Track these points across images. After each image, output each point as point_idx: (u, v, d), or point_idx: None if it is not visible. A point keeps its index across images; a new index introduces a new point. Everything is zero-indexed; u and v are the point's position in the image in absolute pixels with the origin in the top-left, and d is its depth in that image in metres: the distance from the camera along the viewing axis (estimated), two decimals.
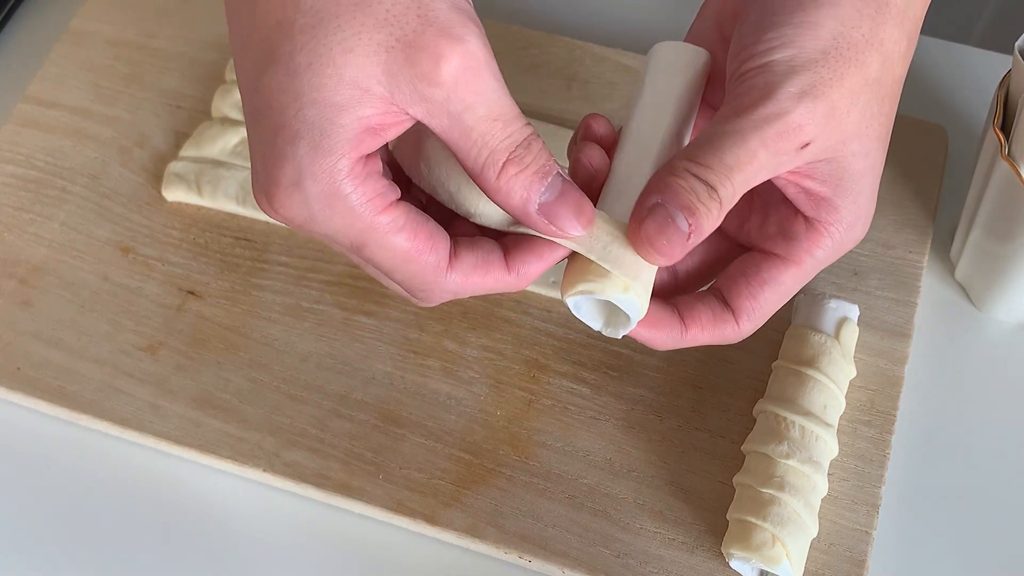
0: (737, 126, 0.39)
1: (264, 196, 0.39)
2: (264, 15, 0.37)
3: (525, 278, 0.41)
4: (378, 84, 0.36)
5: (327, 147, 0.37)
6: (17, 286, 0.59)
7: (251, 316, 0.57)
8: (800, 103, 0.38)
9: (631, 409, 0.54)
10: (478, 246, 0.41)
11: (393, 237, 0.39)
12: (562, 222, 0.39)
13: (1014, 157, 0.49)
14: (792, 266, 0.43)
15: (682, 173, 0.39)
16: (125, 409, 0.55)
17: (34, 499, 0.54)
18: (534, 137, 0.39)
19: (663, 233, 0.39)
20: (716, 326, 0.43)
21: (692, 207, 0.39)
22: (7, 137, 0.63)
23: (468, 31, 0.36)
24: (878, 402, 0.53)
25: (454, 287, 0.41)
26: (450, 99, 0.37)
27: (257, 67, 0.37)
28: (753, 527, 0.48)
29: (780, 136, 0.38)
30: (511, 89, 0.38)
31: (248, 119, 0.39)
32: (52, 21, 0.69)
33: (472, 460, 0.53)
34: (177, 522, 0.53)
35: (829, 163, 0.40)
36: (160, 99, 0.64)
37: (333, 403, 0.54)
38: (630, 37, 0.66)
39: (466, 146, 0.38)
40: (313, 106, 0.36)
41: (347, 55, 0.36)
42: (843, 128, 0.39)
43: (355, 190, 0.37)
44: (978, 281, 0.56)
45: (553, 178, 0.39)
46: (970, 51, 0.65)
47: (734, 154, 0.38)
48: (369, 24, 0.36)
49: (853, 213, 0.42)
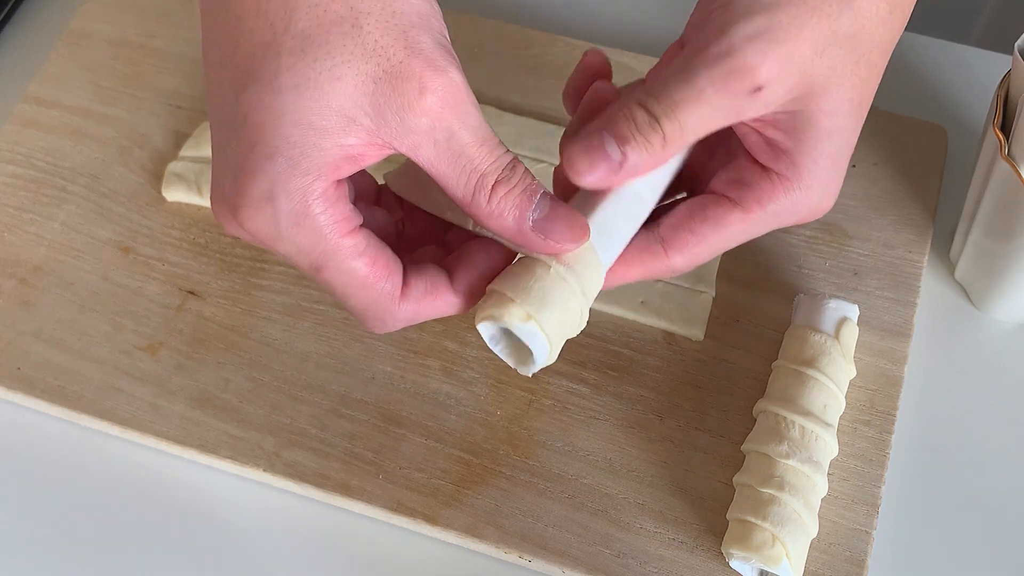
0: (688, 63, 0.39)
1: (228, 208, 0.39)
2: (249, 33, 0.37)
3: (470, 298, 0.42)
4: (365, 115, 0.37)
5: (305, 167, 0.37)
6: (17, 286, 0.59)
7: (251, 316, 0.57)
8: (750, 43, 0.38)
9: (631, 409, 0.54)
10: (424, 272, 0.41)
11: (353, 261, 0.39)
12: (558, 236, 0.40)
13: (1014, 157, 0.49)
14: (740, 210, 0.42)
15: (628, 103, 0.39)
16: (125, 409, 0.55)
17: (34, 499, 0.54)
18: (517, 160, 0.40)
19: (587, 155, 0.39)
20: (643, 259, 0.43)
21: (626, 136, 0.39)
22: (7, 137, 0.63)
23: (449, 63, 0.38)
24: (878, 402, 0.53)
25: (407, 315, 0.41)
26: (435, 127, 0.37)
27: (237, 83, 0.38)
28: (753, 527, 0.48)
29: (729, 76, 0.38)
30: (511, 89, 0.39)
31: (219, 131, 0.39)
32: (52, 21, 0.69)
33: (472, 460, 0.53)
34: (177, 522, 0.53)
35: (793, 115, 0.40)
36: (160, 99, 0.64)
37: (333, 403, 0.55)
38: (630, 37, 0.66)
39: (454, 174, 0.38)
40: (296, 127, 0.37)
41: (335, 82, 0.36)
42: (808, 80, 0.39)
43: (324, 211, 0.38)
44: (978, 281, 0.56)
45: (541, 196, 0.40)
46: (970, 51, 0.65)
47: (681, 90, 0.38)
48: (357, 53, 0.36)
49: (813, 174, 0.41)
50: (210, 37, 0.39)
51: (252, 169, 0.38)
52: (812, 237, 0.58)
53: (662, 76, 0.39)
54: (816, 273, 0.57)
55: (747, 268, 0.57)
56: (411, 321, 0.42)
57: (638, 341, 0.55)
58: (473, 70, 0.63)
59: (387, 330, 0.42)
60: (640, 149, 0.39)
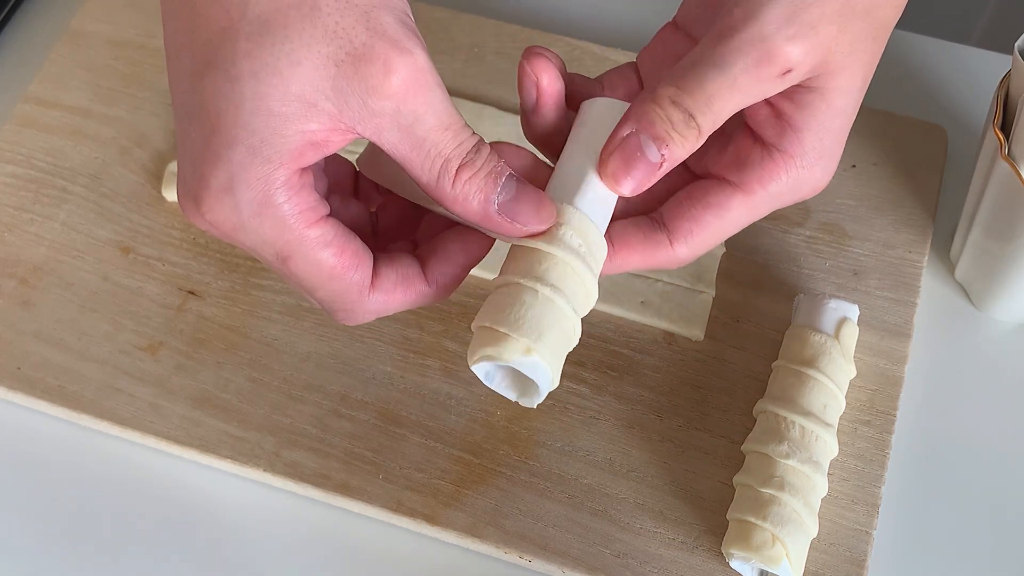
0: (720, 51, 0.38)
1: (191, 199, 0.38)
2: (206, 20, 0.36)
3: (444, 289, 0.41)
4: (326, 100, 0.36)
5: (266, 155, 0.36)
6: (17, 286, 0.59)
7: (251, 316, 0.57)
8: (783, 28, 0.37)
9: (631, 409, 0.54)
10: (397, 262, 0.40)
11: (320, 252, 0.38)
12: (525, 218, 0.39)
13: (1014, 157, 0.49)
14: (741, 193, 0.41)
15: (662, 101, 0.39)
16: (125, 409, 0.55)
17: (34, 499, 0.54)
18: (482, 143, 0.39)
19: (627, 164, 0.39)
20: (647, 248, 0.42)
21: (666, 137, 0.39)
22: (7, 137, 0.63)
23: (415, 44, 0.36)
24: (878, 402, 0.53)
25: (376, 306, 0.40)
26: (400, 111, 0.36)
27: (195, 70, 0.37)
28: (753, 527, 0.48)
29: (762, 61, 0.38)
30: (511, 89, 0.39)
31: (180, 121, 0.38)
32: (52, 21, 0.69)
33: (472, 460, 0.53)
34: (177, 522, 0.53)
35: (809, 91, 0.39)
36: (160, 99, 0.64)
37: (333, 403, 0.55)
38: (630, 37, 0.66)
39: (418, 158, 0.38)
40: (255, 114, 0.36)
41: (295, 67, 0.35)
42: (830, 58, 0.38)
43: (287, 200, 0.37)
44: (978, 281, 0.56)
45: (507, 179, 0.39)
46: (970, 51, 0.65)
47: (715, 82, 0.38)
48: (317, 36, 0.35)
49: (816, 150, 0.41)
50: (169, 25, 0.38)
51: (212, 159, 0.36)
52: (812, 237, 0.58)
53: (690, 67, 0.38)
54: (816, 273, 0.57)
55: (747, 268, 0.57)
56: (382, 312, 0.41)
57: (638, 341, 0.55)
58: (473, 70, 0.64)
59: (357, 322, 0.41)
60: (678, 146, 0.39)
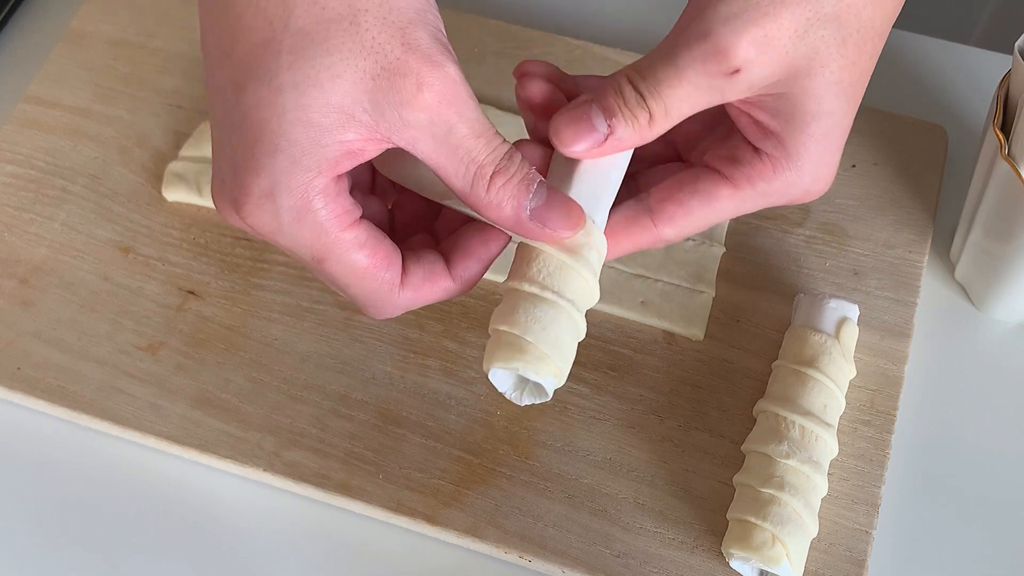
0: (669, 43, 0.40)
1: (230, 203, 0.40)
2: (248, 32, 0.38)
3: (467, 283, 0.43)
4: (363, 111, 0.37)
5: (306, 164, 0.38)
6: (17, 286, 0.59)
7: (251, 316, 0.57)
8: (725, 25, 0.38)
9: (631, 409, 0.54)
10: (422, 258, 0.42)
11: (354, 254, 0.40)
12: (555, 223, 0.40)
13: (1014, 157, 0.49)
14: (730, 185, 0.43)
15: (619, 79, 0.41)
16: (125, 409, 0.55)
17: (34, 499, 0.54)
18: (514, 150, 0.40)
19: (573, 125, 0.41)
20: (631, 231, 0.43)
21: (614, 110, 0.40)
22: (7, 137, 0.63)
23: (447, 59, 0.38)
24: (878, 402, 0.53)
25: (406, 302, 0.42)
26: (433, 121, 0.38)
27: (237, 81, 0.38)
28: (753, 527, 0.48)
29: (707, 57, 0.39)
30: (512, 89, 0.39)
31: (218, 127, 0.40)
32: (52, 21, 0.69)
33: (472, 460, 0.53)
34: (177, 521, 0.53)
35: (778, 98, 0.40)
36: (160, 99, 0.64)
37: (333, 403, 0.55)
38: (630, 37, 0.66)
39: (453, 165, 0.39)
40: (297, 124, 0.37)
41: (335, 80, 0.37)
42: (791, 61, 0.39)
43: (325, 206, 0.39)
44: (978, 281, 0.56)
45: (539, 185, 0.40)
46: (970, 51, 0.65)
47: (663, 69, 0.40)
48: (356, 51, 0.37)
49: (802, 156, 0.41)
50: (209, 34, 0.39)
51: (254, 166, 0.38)
52: (812, 237, 0.58)
53: (649, 56, 0.40)
54: (816, 273, 0.57)
55: (747, 268, 0.57)
56: (410, 307, 0.43)
57: (638, 341, 0.55)
58: (474, 70, 0.64)
59: (387, 316, 0.43)
60: (626, 124, 0.40)
